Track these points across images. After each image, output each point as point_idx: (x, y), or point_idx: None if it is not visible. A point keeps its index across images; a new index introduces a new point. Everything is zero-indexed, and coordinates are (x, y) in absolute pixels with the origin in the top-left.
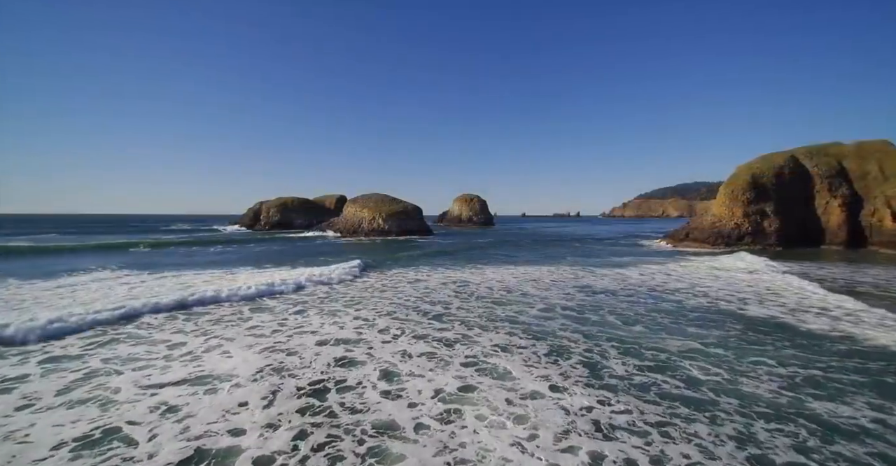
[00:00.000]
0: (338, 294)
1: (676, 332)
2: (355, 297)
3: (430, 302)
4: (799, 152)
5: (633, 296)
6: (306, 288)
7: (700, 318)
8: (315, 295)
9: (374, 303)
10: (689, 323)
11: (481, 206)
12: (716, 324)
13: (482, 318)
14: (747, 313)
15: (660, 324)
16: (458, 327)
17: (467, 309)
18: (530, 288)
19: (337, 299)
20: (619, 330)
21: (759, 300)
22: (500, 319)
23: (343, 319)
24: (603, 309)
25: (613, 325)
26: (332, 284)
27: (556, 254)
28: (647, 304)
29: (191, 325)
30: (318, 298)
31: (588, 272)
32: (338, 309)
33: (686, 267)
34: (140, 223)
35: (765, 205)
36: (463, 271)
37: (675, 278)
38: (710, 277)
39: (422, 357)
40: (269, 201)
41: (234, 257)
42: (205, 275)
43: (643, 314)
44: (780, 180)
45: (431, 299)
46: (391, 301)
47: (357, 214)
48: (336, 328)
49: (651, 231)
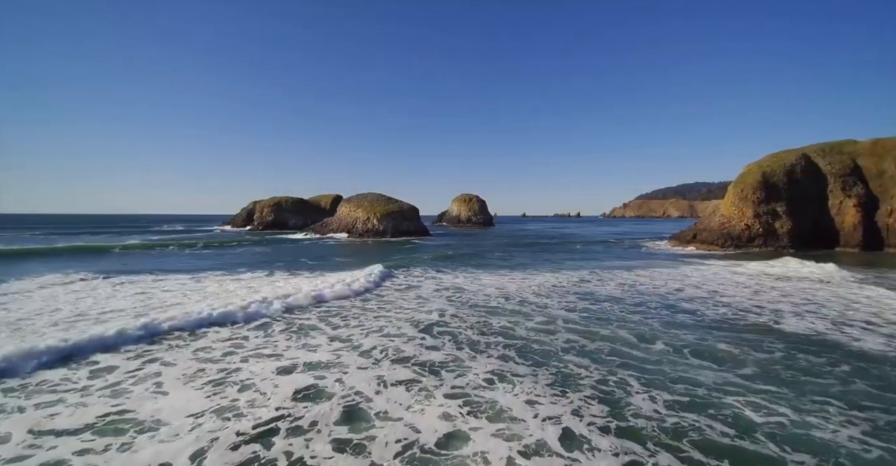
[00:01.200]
0: (314, 307)
1: (707, 354)
2: (331, 309)
3: (420, 315)
4: (811, 150)
5: (644, 306)
6: (273, 307)
7: (731, 336)
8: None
9: (354, 314)
10: (718, 341)
11: (481, 206)
12: (752, 344)
13: (475, 331)
14: (785, 328)
15: (683, 342)
16: (447, 345)
17: (461, 317)
18: (530, 295)
19: (308, 308)
20: (634, 349)
21: (795, 311)
22: (495, 332)
23: (317, 339)
24: (611, 323)
25: (627, 342)
26: (305, 305)
27: (556, 257)
28: (661, 316)
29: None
30: (288, 318)
31: (592, 277)
32: (311, 324)
33: (700, 271)
34: (132, 223)
35: (776, 205)
36: (457, 276)
37: (689, 284)
38: (731, 284)
39: (400, 386)
40: (262, 201)
41: (207, 263)
42: (170, 281)
43: (660, 329)
44: (792, 179)
45: (422, 310)
46: (375, 313)
47: (351, 214)
48: (304, 352)
49: (654, 232)
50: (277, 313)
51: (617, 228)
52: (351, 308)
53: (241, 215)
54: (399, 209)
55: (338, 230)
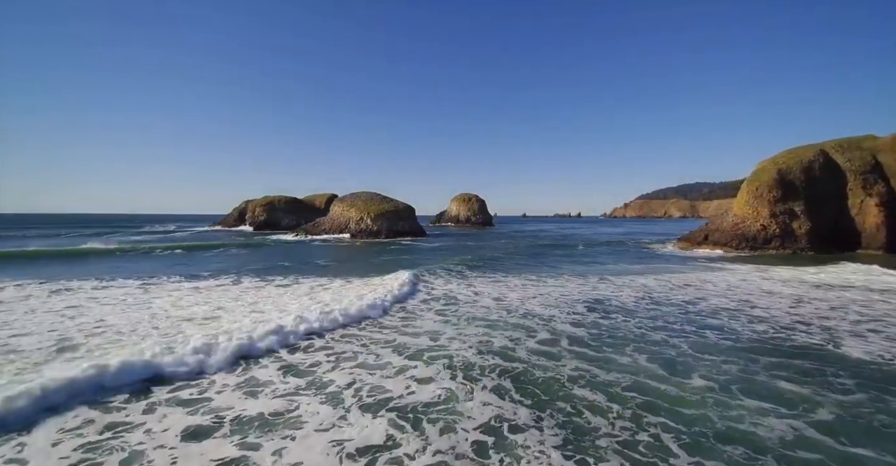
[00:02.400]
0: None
1: (762, 393)
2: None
3: (404, 338)
4: (829, 146)
5: (663, 320)
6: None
7: (783, 364)
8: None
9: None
10: (770, 373)
11: (480, 206)
12: (815, 376)
13: (474, 351)
14: (848, 353)
15: (725, 374)
16: (441, 369)
17: (456, 338)
18: (535, 306)
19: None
20: (663, 384)
21: (853, 331)
22: (494, 352)
23: (264, 371)
24: (628, 343)
25: (652, 374)
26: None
27: (559, 260)
28: (687, 335)
29: None
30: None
31: (600, 283)
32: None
33: (722, 277)
34: (123, 223)
35: (793, 205)
36: (449, 281)
37: (712, 292)
38: (761, 292)
39: (360, 462)
40: (255, 200)
41: (171, 267)
42: (114, 290)
43: (690, 354)
44: (810, 177)
45: (407, 330)
46: (348, 333)
47: (344, 214)
48: (244, 401)
49: (659, 232)
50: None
51: (619, 229)
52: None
53: (233, 215)
54: (394, 208)
55: (330, 230)
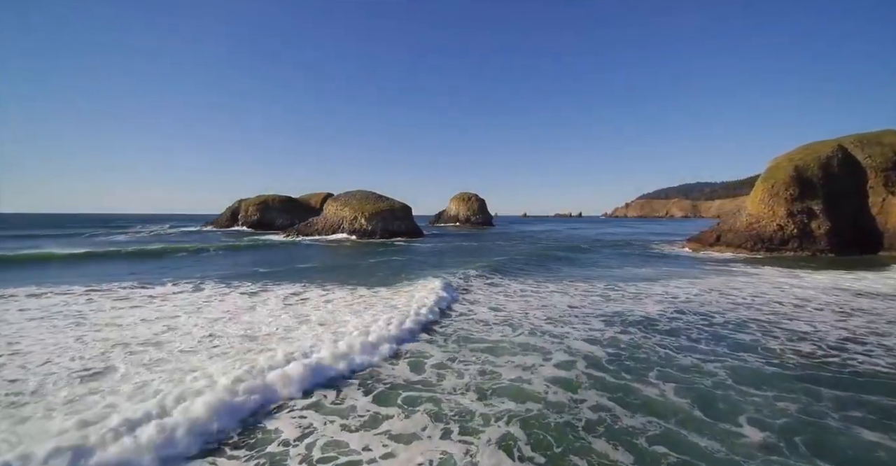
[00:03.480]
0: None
1: (837, 448)
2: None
3: (383, 366)
4: (847, 141)
5: (689, 336)
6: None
7: (845, 398)
8: None
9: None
10: (840, 412)
11: (480, 206)
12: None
13: (474, 378)
14: None
15: (782, 417)
16: (429, 422)
17: (452, 370)
18: (541, 321)
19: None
20: (701, 434)
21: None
22: (497, 408)
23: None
24: (652, 368)
25: (685, 416)
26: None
27: (564, 264)
28: (720, 356)
29: None
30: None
31: (613, 291)
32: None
33: (746, 282)
34: (113, 223)
35: (811, 203)
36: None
37: (738, 301)
38: (795, 301)
39: None
40: (248, 199)
41: (130, 269)
42: (50, 299)
43: (729, 385)
44: (828, 174)
45: (389, 352)
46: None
47: (337, 214)
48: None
49: (663, 232)
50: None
51: (622, 229)
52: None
53: (226, 214)
54: (389, 208)
55: (323, 230)
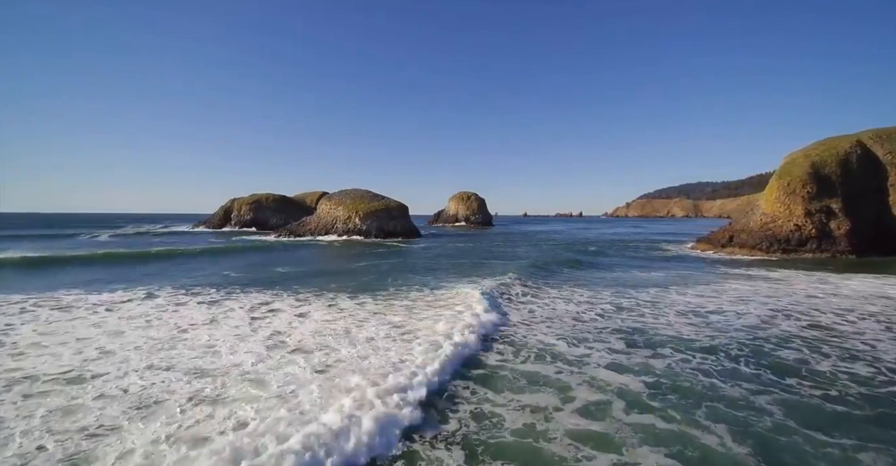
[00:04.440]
0: None
1: None
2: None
3: (343, 400)
4: (866, 136)
5: (725, 356)
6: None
7: None
8: None
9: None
10: None
11: (479, 205)
12: None
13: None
14: None
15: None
16: None
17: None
18: (551, 338)
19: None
20: None
21: None
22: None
23: None
24: (697, 403)
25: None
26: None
27: (570, 268)
28: (768, 385)
29: None
30: None
31: (627, 299)
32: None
33: (773, 289)
34: (100, 222)
35: (830, 202)
36: (428, 308)
37: (775, 310)
38: (837, 311)
39: None
40: (242, 198)
41: (80, 275)
42: None
43: (787, 424)
44: (847, 170)
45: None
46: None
47: (331, 213)
48: None
49: (668, 232)
50: None
51: (625, 229)
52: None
53: (219, 214)
54: (385, 207)
55: (316, 230)
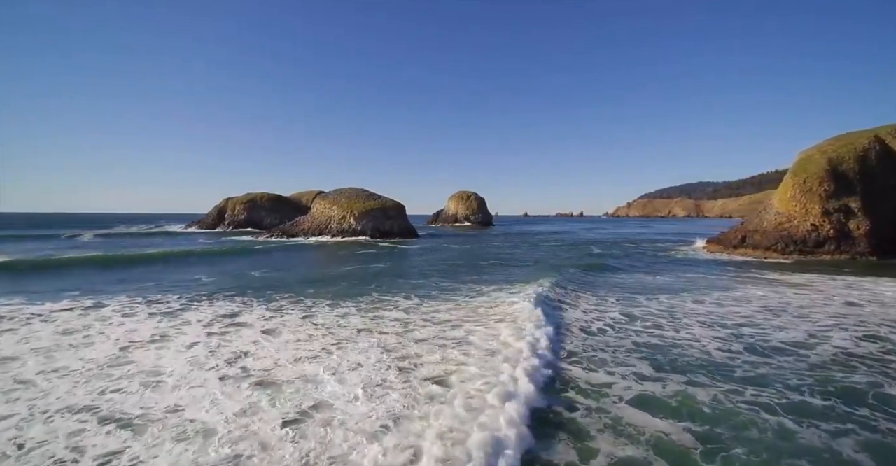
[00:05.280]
0: None
1: None
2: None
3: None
4: (884, 132)
5: (782, 385)
6: None
7: None
8: None
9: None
10: None
11: (479, 205)
12: None
13: None
14: None
15: None
16: None
17: None
18: (561, 362)
19: None
20: None
21: None
22: None
23: None
24: (774, 460)
25: None
26: None
27: (575, 272)
28: (845, 418)
29: None
30: None
31: (641, 309)
32: None
33: (803, 296)
34: (94, 222)
35: (849, 201)
36: (423, 311)
37: (820, 324)
38: (887, 323)
39: None
40: (236, 197)
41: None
42: None
43: None
44: (866, 167)
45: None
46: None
47: (325, 213)
48: None
49: (673, 232)
50: None
51: (628, 229)
52: None
53: (213, 214)
54: (381, 206)
55: (310, 230)
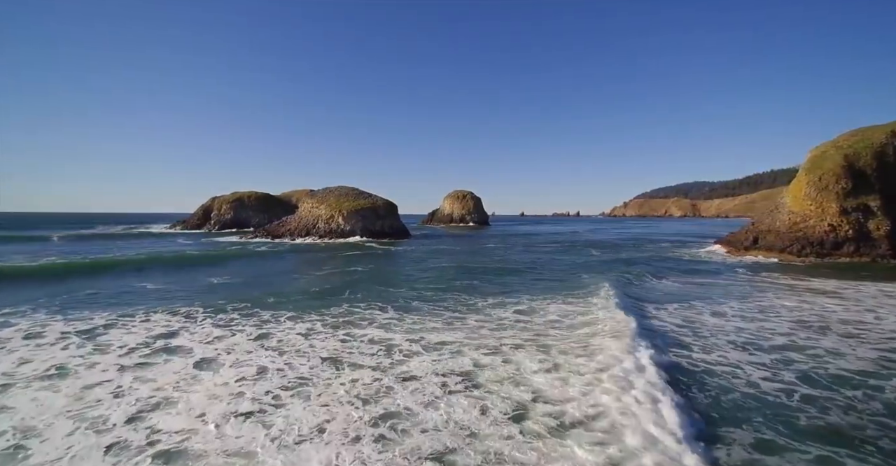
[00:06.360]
0: None
1: None
2: None
3: None
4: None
5: (879, 451)
6: None
7: None
8: None
9: None
10: None
11: (475, 204)
12: None
13: None
14: None
15: None
16: None
17: None
18: (571, 408)
19: None
20: None
21: None
22: None
23: None
24: None
25: None
26: None
27: (581, 275)
28: None
29: None
30: None
31: (657, 320)
32: None
33: (836, 304)
34: (84, 223)
35: (867, 199)
36: (409, 327)
37: (879, 347)
38: None
39: None
40: (222, 196)
41: None
42: None
43: None
44: (884, 164)
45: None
46: None
47: (312, 212)
48: None
49: (672, 233)
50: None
51: (627, 229)
52: None
53: (198, 213)
54: (371, 205)
55: (296, 231)
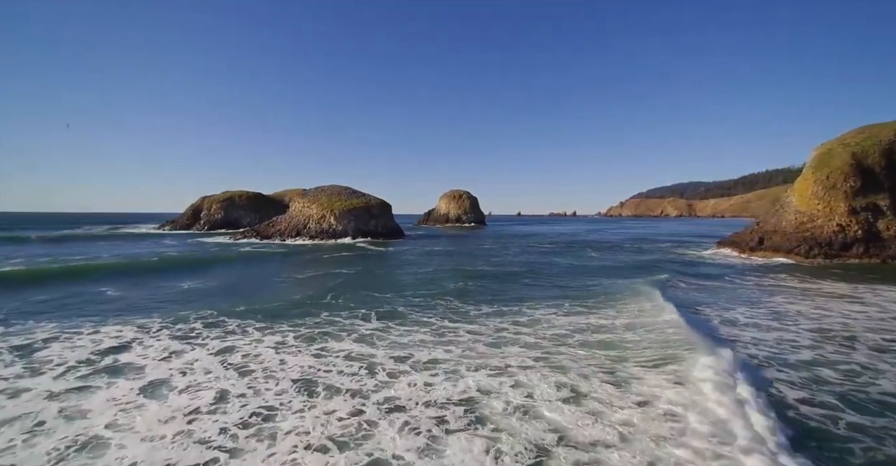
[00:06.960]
0: None
1: None
2: None
3: None
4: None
5: None
6: None
7: None
8: None
9: None
10: None
11: (471, 204)
12: None
13: None
14: None
15: None
16: None
17: None
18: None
19: None
20: None
21: None
22: None
23: None
24: None
25: None
26: None
27: (578, 280)
28: None
29: None
30: None
31: (676, 329)
32: None
33: (855, 311)
34: (75, 222)
35: (876, 198)
36: (400, 370)
37: None
38: None
39: None
40: (213, 196)
41: None
42: None
43: None
44: (892, 162)
45: None
46: None
47: (303, 212)
48: None
49: (671, 233)
50: None
51: (625, 230)
52: None
53: (187, 213)
54: (364, 205)
55: (286, 232)
